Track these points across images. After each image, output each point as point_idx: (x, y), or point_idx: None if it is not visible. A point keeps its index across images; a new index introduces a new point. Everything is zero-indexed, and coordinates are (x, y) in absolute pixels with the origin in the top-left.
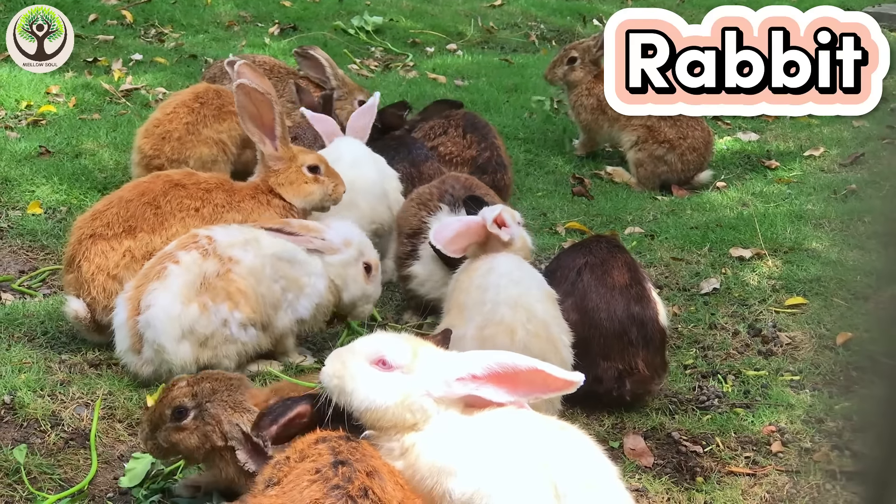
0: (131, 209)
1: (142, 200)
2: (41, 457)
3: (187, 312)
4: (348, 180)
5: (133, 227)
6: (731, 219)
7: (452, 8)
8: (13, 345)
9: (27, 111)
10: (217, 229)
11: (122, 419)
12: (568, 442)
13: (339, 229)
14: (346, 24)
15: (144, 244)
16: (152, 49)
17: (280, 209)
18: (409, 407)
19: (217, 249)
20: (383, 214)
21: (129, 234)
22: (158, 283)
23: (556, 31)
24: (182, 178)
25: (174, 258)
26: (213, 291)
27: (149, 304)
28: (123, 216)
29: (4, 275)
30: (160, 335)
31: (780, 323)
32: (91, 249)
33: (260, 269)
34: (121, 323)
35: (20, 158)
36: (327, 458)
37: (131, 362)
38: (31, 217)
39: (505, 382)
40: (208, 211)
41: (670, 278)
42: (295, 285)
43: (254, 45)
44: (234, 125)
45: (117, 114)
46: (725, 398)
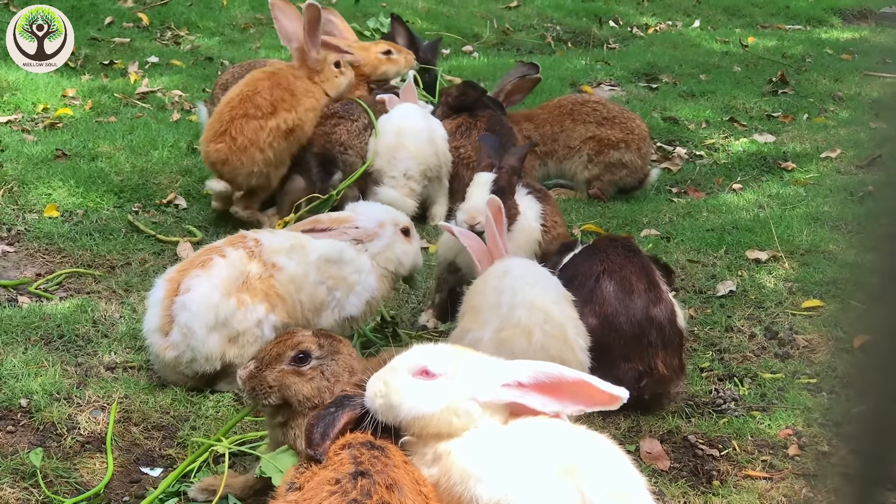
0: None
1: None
2: (57, 460)
3: (225, 304)
4: (397, 127)
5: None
6: (748, 221)
7: (468, 9)
8: (29, 348)
9: (44, 114)
10: (265, 233)
11: (139, 423)
12: (596, 450)
13: (368, 213)
14: (362, 25)
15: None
16: (168, 51)
17: (324, 96)
18: (455, 411)
19: (262, 254)
20: (430, 158)
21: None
22: (202, 271)
23: (572, 33)
24: (294, 70)
25: (221, 252)
26: (253, 291)
27: (188, 288)
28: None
29: (21, 277)
30: (194, 320)
31: (796, 325)
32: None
33: (302, 277)
34: (156, 301)
35: (37, 161)
36: (348, 467)
37: (156, 343)
38: (47, 220)
39: (550, 392)
40: (316, 93)
41: (686, 281)
42: (343, 284)
43: (269, 46)
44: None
45: (133, 116)
46: (742, 401)
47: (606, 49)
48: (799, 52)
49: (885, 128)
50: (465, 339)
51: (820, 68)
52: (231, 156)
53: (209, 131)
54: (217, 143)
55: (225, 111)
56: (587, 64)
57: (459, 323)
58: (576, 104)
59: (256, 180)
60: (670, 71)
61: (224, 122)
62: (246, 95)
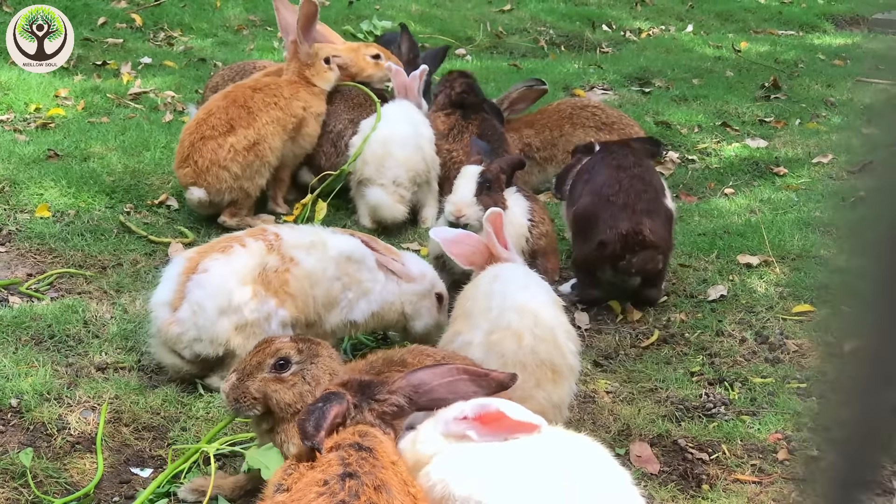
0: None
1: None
2: (47, 460)
3: (241, 291)
4: (385, 135)
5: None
6: (739, 225)
7: (462, 13)
8: (20, 348)
9: (36, 114)
10: (285, 228)
11: (129, 423)
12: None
13: (415, 261)
14: (356, 28)
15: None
16: (161, 52)
17: (309, 95)
18: (421, 440)
19: (282, 248)
20: (418, 164)
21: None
22: (222, 255)
23: (565, 37)
24: (255, 83)
25: (242, 241)
26: (267, 284)
27: (207, 269)
28: (224, 119)
29: (12, 277)
30: (207, 299)
31: (787, 330)
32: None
33: (320, 272)
34: (171, 275)
35: (28, 161)
36: (336, 468)
37: (161, 316)
38: (38, 220)
39: (489, 423)
40: (283, 103)
41: (678, 285)
42: (358, 287)
43: (263, 48)
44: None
45: (126, 117)
46: (732, 405)
47: (599, 53)
48: (791, 58)
49: (877, 134)
50: (455, 343)
51: (812, 74)
52: (198, 178)
53: (177, 156)
54: (183, 168)
55: (185, 137)
56: (580, 68)
57: (451, 327)
58: (575, 108)
59: (231, 195)
60: (663, 75)
61: (185, 147)
62: (201, 119)
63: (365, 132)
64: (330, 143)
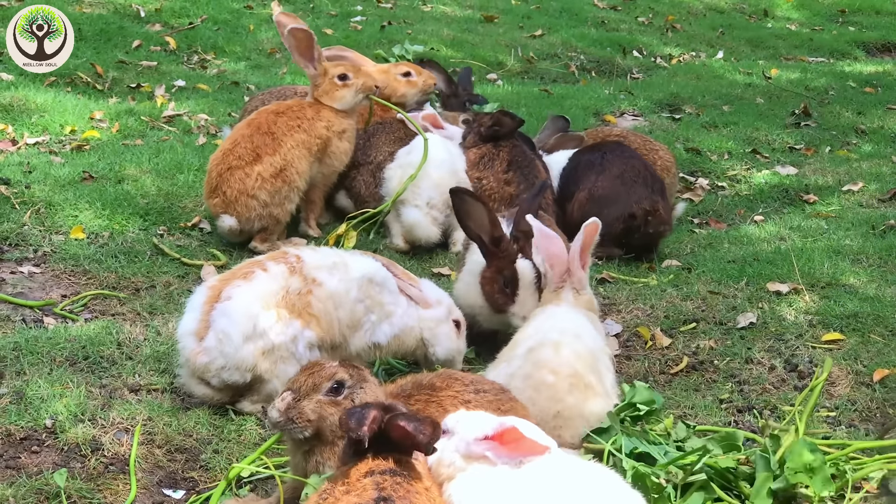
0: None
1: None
2: (81, 481)
3: (265, 316)
4: (420, 158)
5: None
6: (769, 253)
7: (493, 38)
8: (55, 369)
9: (71, 136)
10: (307, 250)
11: (162, 445)
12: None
13: (432, 288)
14: (388, 52)
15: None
16: (195, 75)
17: (331, 114)
18: (443, 462)
19: (304, 269)
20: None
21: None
22: (244, 282)
23: (595, 62)
24: (278, 107)
25: (263, 266)
26: (291, 306)
27: (230, 296)
28: (250, 148)
29: (47, 299)
30: (232, 327)
31: (816, 358)
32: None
33: (343, 293)
34: (195, 305)
35: (64, 183)
36: (371, 493)
37: (188, 346)
38: (73, 241)
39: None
40: (306, 125)
41: (707, 312)
42: (381, 309)
43: (295, 72)
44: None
45: (160, 140)
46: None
47: (630, 79)
48: (822, 85)
49: None
50: (498, 369)
51: (843, 101)
52: (227, 208)
53: (206, 187)
54: (213, 198)
55: (213, 167)
56: (610, 93)
57: (500, 355)
58: (597, 137)
59: (261, 222)
60: (693, 102)
61: (213, 178)
62: (227, 149)
63: (401, 160)
64: (370, 173)
